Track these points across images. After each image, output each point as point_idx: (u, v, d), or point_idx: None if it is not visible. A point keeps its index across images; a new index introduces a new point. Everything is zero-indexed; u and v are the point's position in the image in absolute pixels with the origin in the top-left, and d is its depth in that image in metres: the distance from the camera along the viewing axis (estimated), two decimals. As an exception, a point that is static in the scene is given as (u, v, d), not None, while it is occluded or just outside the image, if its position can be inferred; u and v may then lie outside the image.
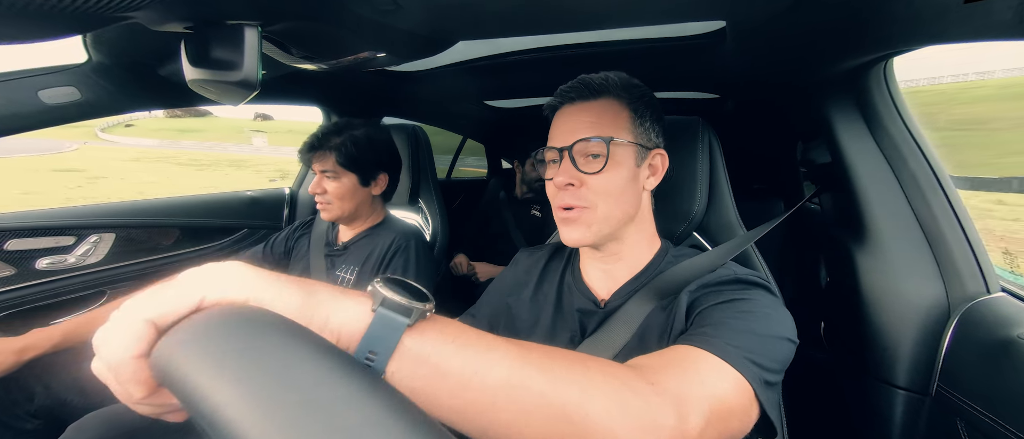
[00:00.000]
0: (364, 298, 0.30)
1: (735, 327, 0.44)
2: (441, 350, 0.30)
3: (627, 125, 0.57)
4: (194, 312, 0.26)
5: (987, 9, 0.43)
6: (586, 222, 0.56)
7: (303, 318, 0.27)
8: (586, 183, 0.56)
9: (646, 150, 0.58)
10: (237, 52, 0.55)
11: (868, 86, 0.78)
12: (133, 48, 0.81)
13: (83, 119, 0.89)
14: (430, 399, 0.29)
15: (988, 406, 0.59)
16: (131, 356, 0.25)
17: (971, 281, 0.70)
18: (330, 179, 0.99)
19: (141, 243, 1.18)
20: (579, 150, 0.56)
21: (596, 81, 0.59)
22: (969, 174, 10.19)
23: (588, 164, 0.56)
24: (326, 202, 0.99)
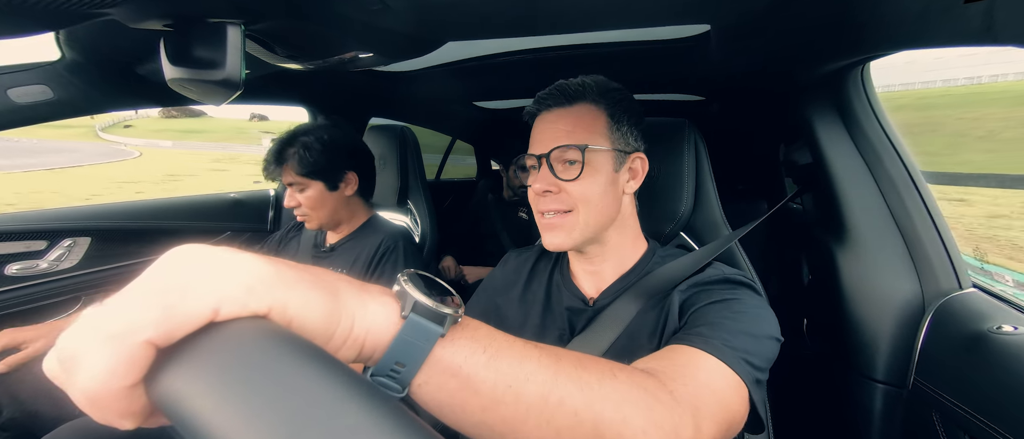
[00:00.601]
0: (390, 300, 0.26)
1: (730, 328, 0.46)
2: (473, 361, 0.27)
3: (604, 131, 0.58)
4: (206, 325, 0.20)
5: (957, 16, 0.45)
6: (567, 228, 0.57)
7: (329, 327, 0.23)
8: (564, 189, 0.57)
9: (624, 154, 0.59)
10: (219, 51, 0.54)
11: (846, 89, 0.80)
12: (109, 46, 0.79)
13: (56, 119, 0.86)
14: (458, 415, 0.27)
15: (961, 398, 0.61)
16: (124, 386, 0.19)
17: (944, 278, 0.73)
18: (298, 191, 0.96)
19: (118, 247, 1.14)
20: (556, 157, 0.57)
21: (573, 87, 0.59)
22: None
23: (566, 171, 0.57)
24: (303, 214, 0.98)
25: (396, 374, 0.25)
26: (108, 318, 0.19)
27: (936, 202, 0.77)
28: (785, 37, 0.71)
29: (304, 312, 0.23)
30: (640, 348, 0.53)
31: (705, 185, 0.73)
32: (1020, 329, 0.59)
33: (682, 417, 0.33)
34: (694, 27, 0.82)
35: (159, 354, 0.19)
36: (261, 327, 0.20)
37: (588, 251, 0.61)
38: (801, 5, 0.59)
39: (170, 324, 0.19)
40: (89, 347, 0.19)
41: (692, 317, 0.50)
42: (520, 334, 0.61)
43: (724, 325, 0.46)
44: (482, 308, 0.72)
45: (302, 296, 0.23)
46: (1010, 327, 0.60)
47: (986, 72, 24.72)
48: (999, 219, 5.82)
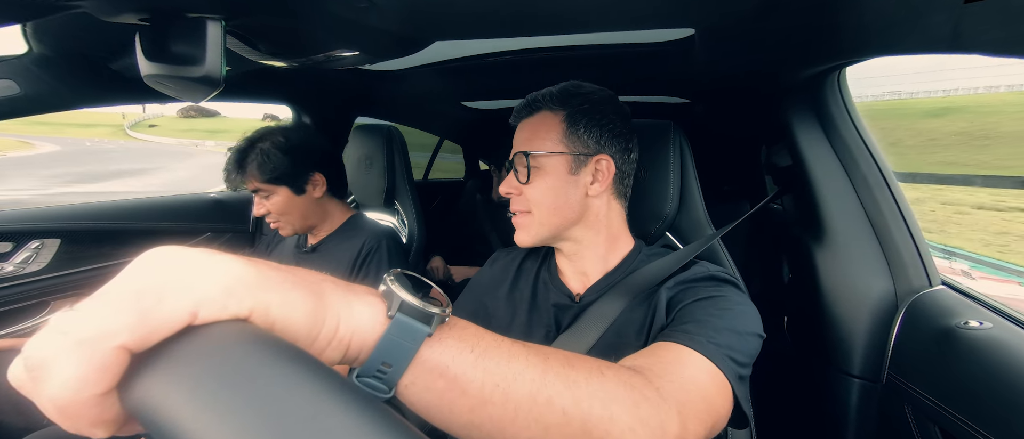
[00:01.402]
0: (376, 300, 0.26)
1: (715, 325, 0.47)
2: (460, 360, 0.26)
3: (558, 136, 0.60)
4: (183, 329, 0.19)
5: (928, 25, 0.47)
6: (524, 226, 0.62)
7: (314, 329, 0.23)
8: (522, 191, 0.62)
9: (584, 156, 0.60)
10: (198, 47, 0.52)
11: (824, 93, 0.83)
12: (80, 40, 0.76)
13: (22, 115, 0.82)
14: (446, 415, 0.26)
15: (931, 391, 0.63)
16: (96, 394, 0.18)
17: (916, 275, 0.76)
18: (264, 198, 0.93)
19: (90, 249, 1.10)
20: (518, 162, 0.62)
21: (537, 99, 0.63)
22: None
23: (521, 175, 0.61)
24: (274, 220, 0.95)
25: (382, 375, 0.25)
26: (79, 322, 0.18)
27: (908, 202, 0.80)
28: (766, 43, 0.73)
29: (287, 314, 0.22)
30: (627, 345, 0.54)
31: (690, 186, 0.74)
32: (986, 324, 0.62)
33: (668, 414, 0.33)
34: (679, 31, 0.84)
35: (134, 359, 0.18)
36: (242, 330, 0.20)
37: (563, 248, 0.64)
38: (781, 13, 0.60)
39: (145, 328, 0.18)
40: (59, 353, 0.18)
41: (679, 314, 0.51)
42: (507, 331, 0.60)
43: (710, 322, 0.47)
44: (470, 307, 0.72)
45: (284, 297, 0.22)
46: (976, 322, 0.63)
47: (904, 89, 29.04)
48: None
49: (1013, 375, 0.54)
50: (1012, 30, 0.39)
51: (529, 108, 0.64)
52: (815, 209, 0.87)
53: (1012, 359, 0.56)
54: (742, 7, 0.60)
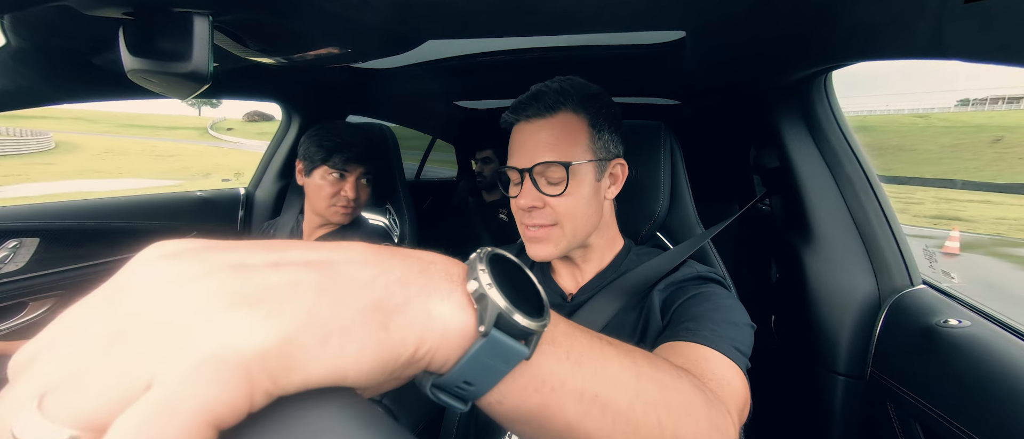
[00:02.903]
0: (463, 302, 0.19)
1: (713, 318, 0.48)
2: (557, 371, 0.22)
3: (586, 142, 0.56)
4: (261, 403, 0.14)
5: (911, 31, 0.48)
6: (553, 240, 0.57)
7: (385, 367, 0.17)
8: (549, 203, 0.56)
9: (606, 162, 0.59)
10: (184, 42, 0.51)
11: (811, 96, 0.85)
12: (62, 33, 0.73)
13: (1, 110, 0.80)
14: (535, 431, 0.23)
15: (912, 387, 0.65)
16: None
17: (898, 275, 0.78)
18: (367, 185, 0.99)
19: (70, 249, 1.07)
20: (540, 172, 0.56)
21: (552, 95, 0.56)
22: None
23: (550, 186, 0.56)
24: (356, 207, 0.99)
25: (463, 391, 0.20)
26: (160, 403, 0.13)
27: (891, 203, 0.82)
28: (754, 46, 0.74)
29: (360, 357, 0.16)
30: None
31: (680, 186, 0.75)
32: (964, 322, 0.64)
33: (729, 417, 0.32)
34: (670, 33, 0.84)
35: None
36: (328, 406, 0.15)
37: (573, 255, 0.62)
38: (770, 18, 0.61)
39: (222, 405, 0.13)
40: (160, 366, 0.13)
41: (675, 315, 0.52)
42: None
43: (708, 316, 0.48)
44: None
45: (356, 337, 0.16)
46: (955, 321, 0.65)
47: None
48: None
49: (990, 372, 0.56)
50: (992, 37, 0.40)
51: (547, 105, 0.56)
52: (802, 210, 0.88)
53: (989, 357, 0.57)
54: (732, 11, 0.61)
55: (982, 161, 36.53)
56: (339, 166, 0.95)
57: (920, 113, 66.40)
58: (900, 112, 72.08)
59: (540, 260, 0.59)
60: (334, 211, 0.97)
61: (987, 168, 33.58)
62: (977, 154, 38.81)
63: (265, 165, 1.44)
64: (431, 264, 0.20)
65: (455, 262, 0.21)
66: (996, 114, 57.34)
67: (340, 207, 0.97)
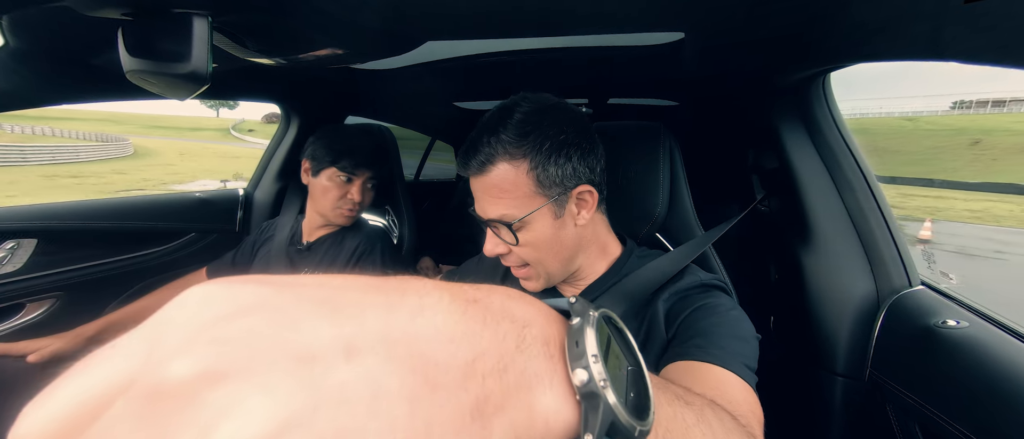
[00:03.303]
0: (564, 389, 0.16)
1: (722, 333, 0.48)
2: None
3: (530, 188, 0.53)
4: None
5: (909, 33, 0.48)
6: (533, 277, 0.60)
7: None
8: (513, 251, 0.58)
9: (564, 196, 0.55)
10: (183, 43, 0.51)
11: (809, 98, 0.85)
12: (60, 33, 0.73)
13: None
14: None
15: (911, 388, 0.65)
16: None
17: (897, 276, 0.78)
18: (370, 190, 1.00)
19: (69, 250, 1.06)
20: (495, 225, 0.57)
21: (484, 150, 0.53)
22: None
23: (507, 235, 0.57)
24: (361, 207, 1.00)
25: None
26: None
27: (889, 204, 0.82)
28: (754, 47, 0.74)
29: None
30: None
31: (679, 187, 0.75)
32: (962, 323, 0.64)
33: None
34: (669, 34, 0.85)
35: None
36: None
37: (567, 279, 0.63)
38: (769, 19, 0.61)
39: None
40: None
41: (681, 328, 0.52)
42: None
43: (716, 332, 0.49)
44: None
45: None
46: (954, 321, 0.65)
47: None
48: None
49: (989, 373, 0.56)
50: (988, 38, 0.40)
51: (483, 164, 0.54)
52: (801, 211, 0.88)
53: (988, 357, 0.57)
54: (731, 12, 0.61)
55: (961, 162, 39.84)
56: (348, 169, 0.95)
57: (909, 116, 70.71)
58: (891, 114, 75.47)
59: (531, 292, 0.58)
60: (338, 213, 0.98)
61: (965, 169, 36.69)
62: (957, 156, 42.08)
63: (264, 166, 1.44)
64: (525, 329, 0.16)
65: (549, 318, 0.17)
66: (979, 117, 60.61)
67: (345, 210, 0.98)
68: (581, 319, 0.17)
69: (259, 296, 0.13)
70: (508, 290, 0.17)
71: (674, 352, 0.49)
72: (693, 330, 0.50)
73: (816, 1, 0.55)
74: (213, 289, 0.13)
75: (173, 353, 0.12)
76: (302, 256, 1.00)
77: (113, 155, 31.79)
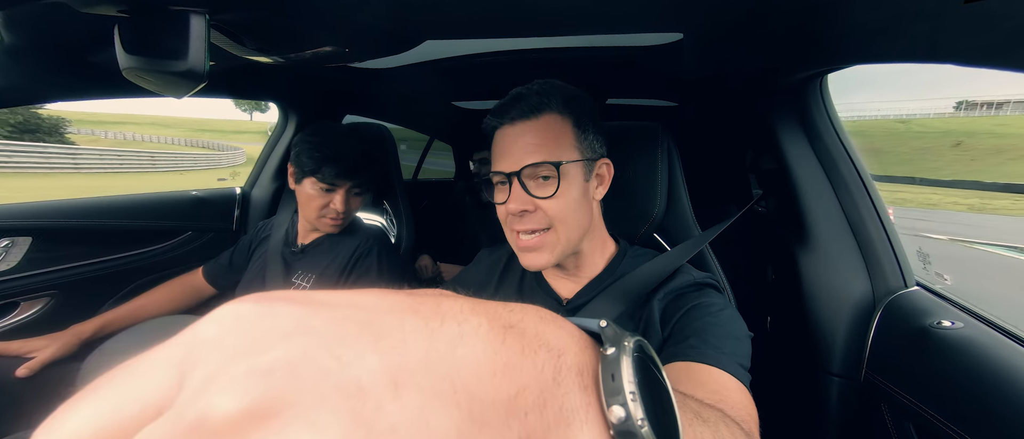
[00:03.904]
0: (598, 425, 0.15)
1: (716, 333, 0.49)
2: None
3: (572, 142, 0.55)
4: None
5: (907, 35, 0.49)
6: (548, 247, 0.56)
7: None
8: (540, 207, 0.54)
9: (592, 162, 0.58)
10: (180, 40, 0.51)
11: (807, 99, 0.85)
12: (56, 30, 0.73)
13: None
14: None
15: (906, 388, 0.66)
16: None
17: (892, 277, 0.78)
18: (357, 196, 0.96)
19: (64, 248, 1.06)
20: (529, 174, 0.54)
21: (534, 97, 0.55)
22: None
23: (540, 187, 0.55)
24: (346, 217, 0.96)
25: None
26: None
27: (885, 205, 0.83)
28: (752, 49, 0.74)
29: None
30: None
31: (677, 188, 0.75)
32: (957, 324, 0.65)
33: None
34: (668, 35, 0.85)
35: None
36: None
37: (565, 263, 0.61)
38: (767, 21, 0.62)
39: None
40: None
41: (676, 328, 0.52)
42: None
43: (711, 331, 0.49)
44: None
45: None
46: (949, 322, 0.65)
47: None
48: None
49: (983, 373, 0.56)
50: (985, 40, 0.41)
51: (531, 108, 0.55)
52: (798, 212, 0.89)
53: (982, 358, 0.58)
54: (730, 14, 0.61)
55: (943, 162, 43.58)
56: (328, 180, 0.90)
57: (902, 118, 74.93)
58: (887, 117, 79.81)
59: (535, 269, 0.58)
60: (323, 222, 0.95)
61: (946, 168, 40.04)
62: (939, 156, 46.34)
63: (262, 164, 1.43)
64: (561, 358, 0.15)
65: (582, 344, 0.17)
66: (967, 120, 64.69)
67: (329, 219, 0.94)
68: (616, 349, 0.16)
69: (297, 318, 0.13)
70: (539, 311, 0.17)
71: (670, 352, 0.49)
72: (688, 330, 0.50)
73: (814, 2, 0.55)
74: (247, 308, 0.13)
75: (213, 382, 0.11)
76: (297, 258, 0.99)
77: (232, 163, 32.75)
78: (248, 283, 1.00)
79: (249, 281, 1.00)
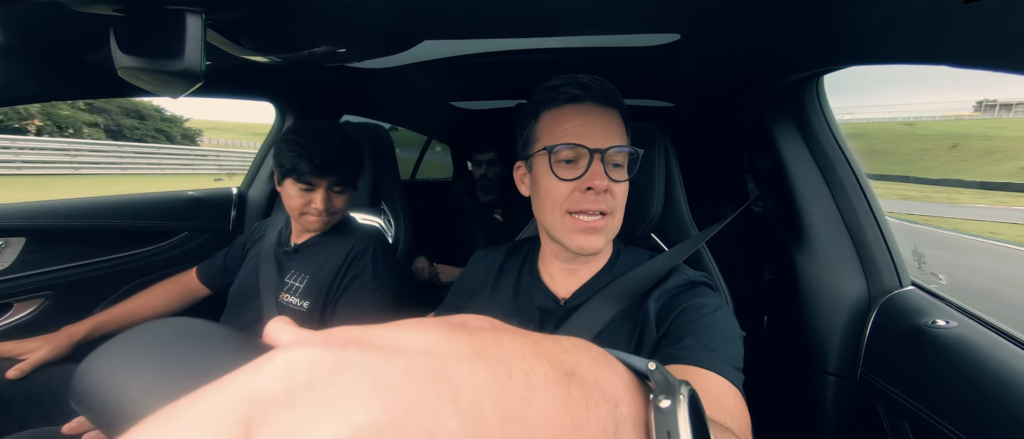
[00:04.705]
0: None
1: (711, 335, 0.49)
2: None
3: (626, 132, 0.58)
4: None
5: (902, 36, 0.49)
6: (606, 231, 0.56)
7: None
8: (611, 190, 0.54)
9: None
10: (177, 40, 0.51)
11: (803, 100, 0.86)
12: (51, 30, 0.72)
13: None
14: None
15: (901, 387, 0.66)
16: None
17: (888, 276, 0.79)
18: (339, 194, 0.94)
19: (58, 249, 1.05)
20: (610, 156, 0.54)
21: (605, 86, 0.57)
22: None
23: (615, 172, 0.55)
24: (330, 216, 0.94)
25: None
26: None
27: (880, 205, 0.83)
28: (748, 50, 0.75)
29: None
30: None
31: (674, 188, 0.75)
32: (952, 323, 0.65)
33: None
34: (665, 36, 0.85)
35: None
36: None
37: (568, 261, 0.62)
38: (764, 22, 0.62)
39: None
40: None
41: (671, 328, 0.53)
42: None
43: (707, 333, 0.49)
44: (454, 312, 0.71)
45: None
46: (943, 321, 0.66)
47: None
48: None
49: (977, 372, 0.57)
50: (978, 42, 0.41)
51: (610, 97, 0.56)
52: (794, 212, 0.89)
53: (977, 357, 0.58)
54: (727, 15, 0.62)
55: (939, 162, 46.66)
56: (305, 178, 0.89)
57: (909, 121, 78.29)
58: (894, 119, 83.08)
59: (590, 252, 0.56)
60: (306, 221, 0.93)
61: (941, 168, 42.82)
62: (936, 157, 49.62)
63: (258, 165, 1.42)
64: (618, 408, 0.15)
65: (633, 391, 0.17)
66: (966, 123, 68.76)
67: (312, 218, 0.93)
68: (671, 402, 0.16)
69: (371, 371, 0.12)
70: (589, 348, 0.17)
71: (666, 353, 0.49)
72: (684, 331, 0.51)
73: (810, 4, 0.56)
74: (316, 357, 0.12)
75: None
76: (290, 258, 0.98)
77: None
78: (242, 283, 1.00)
79: (243, 281, 1.00)
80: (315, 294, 0.92)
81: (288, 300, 0.93)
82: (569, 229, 0.56)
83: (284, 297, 0.93)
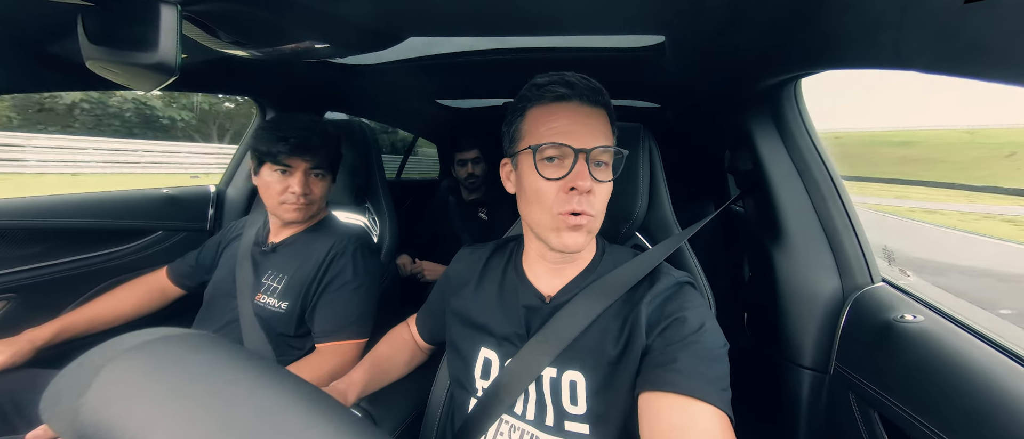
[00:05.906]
0: None
1: (700, 354, 0.50)
2: None
3: (611, 133, 0.58)
4: None
5: (875, 42, 0.51)
6: (589, 229, 0.56)
7: None
8: (594, 190, 0.54)
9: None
10: (150, 31, 0.48)
11: (781, 102, 0.88)
12: (11, 19, 0.69)
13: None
14: None
15: (872, 380, 0.69)
16: None
17: (860, 273, 0.82)
18: (319, 178, 0.93)
19: (25, 248, 1.00)
20: (595, 156, 0.54)
21: (593, 86, 0.57)
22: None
23: (599, 172, 0.55)
24: (308, 202, 0.92)
25: None
26: None
27: (853, 204, 0.87)
28: (731, 54, 0.77)
29: None
30: (604, 353, 0.55)
31: (658, 187, 0.76)
32: (919, 317, 0.68)
33: None
34: (650, 37, 0.86)
35: None
36: None
37: (554, 259, 0.62)
38: (745, 27, 0.63)
39: None
40: None
41: (660, 339, 0.53)
42: (478, 332, 0.56)
43: (696, 354, 0.50)
44: (438, 308, 0.71)
45: None
46: (911, 316, 0.69)
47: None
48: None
49: (940, 364, 0.60)
50: (944, 48, 0.43)
51: (598, 96, 0.56)
52: (772, 211, 0.92)
53: (940, 350, 0.61)
54: (710, 18, 0.63)
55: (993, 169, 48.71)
56: (282, 160, 0.87)
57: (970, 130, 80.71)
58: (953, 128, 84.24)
59: (573, 251, 0.56)
60: (284, 208, 0.91)
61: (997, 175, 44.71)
62: (989, 164, 52.08)
63: (237, 163, 1.39)
64: None
65: None
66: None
67: (289, 205, 0.90)
68: None
69: None
70: None
71: (658, 375, 0.49)
72: (674, 349, 0.51)
73: (789, 9, 0.57)
74: None
75: None
76: (267, 258, 0.96)
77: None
78: (217, 284, 0.97)
79: (218, 282, 0.97)
80: (294, 295, 0.90)
81: (265, 301, 0.90)
82: (552, 227, 0.56)
83: (260, 298, 0.91)
